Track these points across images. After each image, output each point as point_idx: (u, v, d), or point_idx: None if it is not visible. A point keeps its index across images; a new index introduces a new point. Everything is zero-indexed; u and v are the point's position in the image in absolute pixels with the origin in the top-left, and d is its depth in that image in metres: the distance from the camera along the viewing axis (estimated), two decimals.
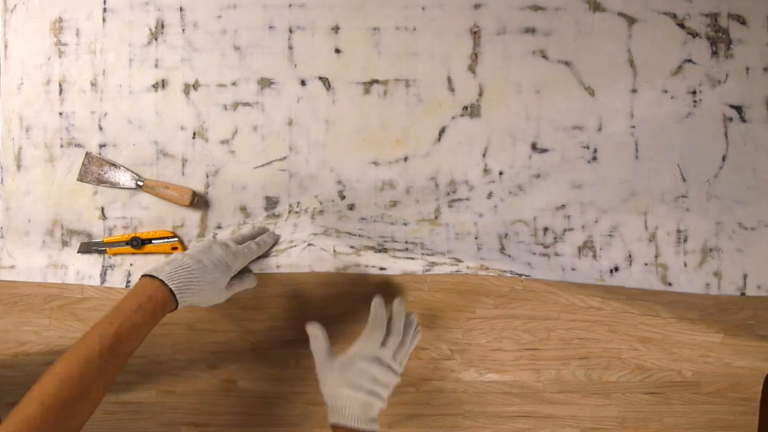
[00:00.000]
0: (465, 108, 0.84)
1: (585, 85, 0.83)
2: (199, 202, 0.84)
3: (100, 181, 0.84)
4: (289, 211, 0.85)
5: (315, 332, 0.75)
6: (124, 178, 0.84)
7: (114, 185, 0.84)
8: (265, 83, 0.84)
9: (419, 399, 0.86)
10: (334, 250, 0.80)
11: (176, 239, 0.84)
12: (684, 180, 0.82)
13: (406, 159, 0.84)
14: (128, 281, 0.84)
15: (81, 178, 0.84)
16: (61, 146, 0.85)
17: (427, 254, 0.82)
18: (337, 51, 0.84)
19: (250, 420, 0.87)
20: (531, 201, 0.83)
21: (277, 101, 0.84)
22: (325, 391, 0.72)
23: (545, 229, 0.83)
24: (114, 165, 0.84)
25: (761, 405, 0.86)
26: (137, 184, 0.84)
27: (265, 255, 0.80)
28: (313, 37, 0.84)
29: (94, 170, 0.84)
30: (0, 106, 0.87)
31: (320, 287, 0.82)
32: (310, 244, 0.80)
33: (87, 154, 0.84)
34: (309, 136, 0.84)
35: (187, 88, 0.84)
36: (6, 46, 0.86)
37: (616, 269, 0.82)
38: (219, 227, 0.85)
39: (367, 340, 0.72)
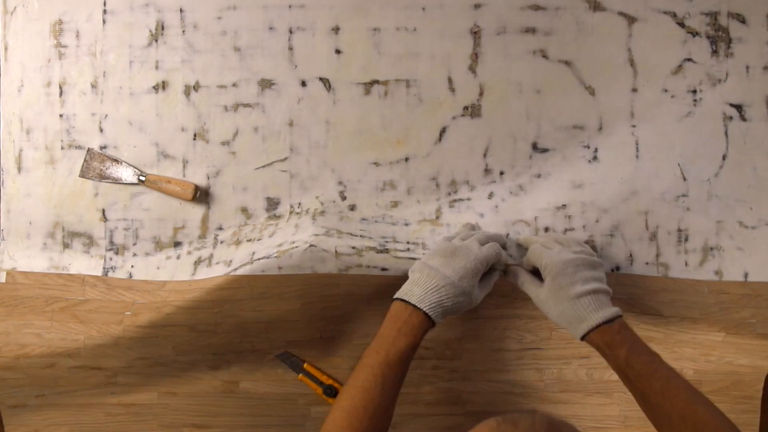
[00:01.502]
0: (466, 108, 0.84)
1: (585, 84, 0.83)
2: (201, 196, 0.84)
3: (102, 177, 0.84)
4: (290, 212, 0.85)
5: (514, 270, 0.75)
6: (126, 174, 0.84)
7: (116, 181, 0.84)
8: (266, 84, 0.84)
9: (421, 399, 0.87)
10: (336, 251, 0.80)
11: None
12: (684, 179, 0.82)
13: (407, 159, 0.84)
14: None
15: (83, 175, 0.84)
16: (62, 148, 0.85)
17: None
18: (338, 51, 0.84)
19: (252, 421, 0.87)
20: (532, 201, 0.83)
21: (277, 102, 0.84)
22: (554, 316, 0.70)
23: (546, 229, 0.83)
24: (116, 161, 0.84)
25: (763, 403, 0.86)
26: (139, 179, 0.84)
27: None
28: (314, 38, 0.84)
29: (96, 166, 0.84)
30: (1, 108, 0.87)
31: (322, 288, 0.82)
32: (311, 245, 0.80)
33: (89, 150, 0.84)
34: (310, 137, 0.84)
35: (188, 90, 0.84)
36: (6, 49, 0.86)
37: (618, 269, 0.82)
38: (220, 228, 0.85)
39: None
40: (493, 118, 0.83)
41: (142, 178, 0.84)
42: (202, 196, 0.84)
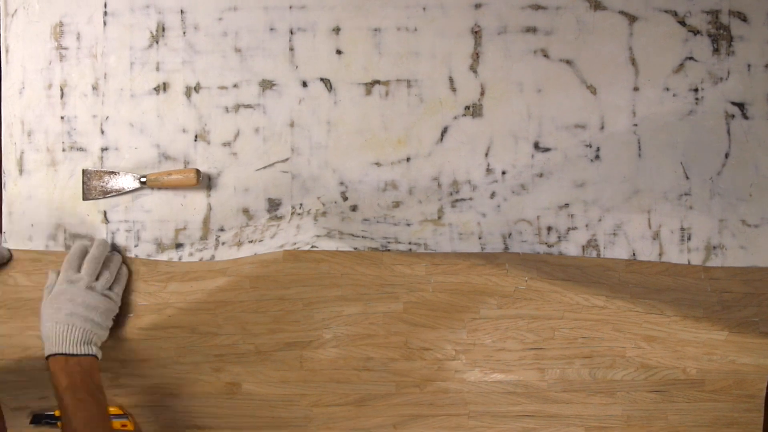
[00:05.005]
0: (467, 108, 0.84)
1: (587, 83, 0.83)
2: (204, 180, 0.84)
3: (106, 193, 0.84)
4: (292, 213, 0.85)
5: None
6: (127, 181, 0.84)
7: (120, 192, 0.84)
8: (267, 85, 0.84)
9: (423, 399, 0.86)
10: (338, 252, 0.80)
11: (127, 417, 0.86)
12: (687, 178, 0.82)
13: (408, 159, 0.84)
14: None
15: (86, 197, 0.84)
16: (63, 150, 0.85)
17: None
18: (339, 52, 0.84)
19: (253, 423, 0.87)
20: (534, 200, 0.83)
21: (278, 103, 0.84)
22: (41, 330, 0.77)
23: (549, 228, 0.83)
24: (113, 173, 0.84)
25: (766, 402, 0.85)
26: (141, 182, 0.84)
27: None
28: (314, 39, 0.84)
29: (95, 185, 0.84)
30: (2, 111, 0.87)
31: (323, 289, 0.82)
32: (313, 246, 0.80)
33: (84, 171, 0.84)
34: (311, 138, 0.84)
35: (189, 91, 0.84)
36: (7, 51, 0.86)
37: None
38: (221, 230, 0.85)
39: (64, 270, 0.79)
40: (494, 117, 0.83)
41: (143, 180, 0.84)
42: (205, 180, 0.84)
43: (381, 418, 0.87)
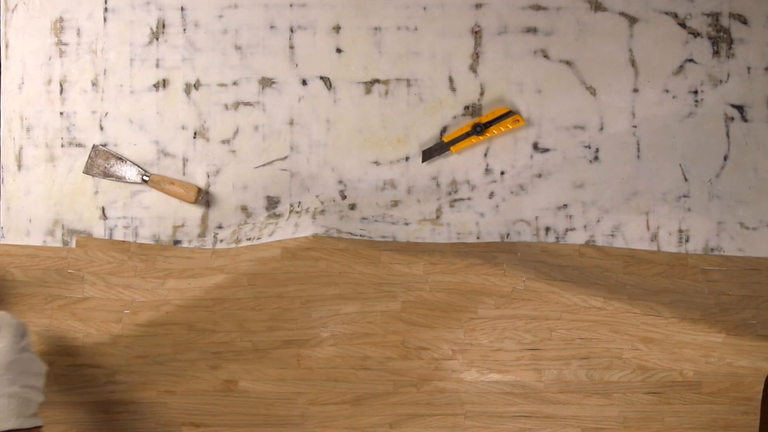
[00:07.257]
0: (466, 107, 0.84)
1: (586, 84, 0.83)
2: (201, 200, 0.84)
3: (106, 175, 0.84)
4: (291, 211, 0.85)
5: None
6: (130, 173, 0.84)
7: (120, 179, 0.84)
8: (267, 83, 0.84)
9: (420, 399, 0.86)
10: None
11: (515, 113, 0.80)
12: (686, 180, 0.82)
13: (407, 159, 0.84)
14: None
15: (87, 171, 0.84)
16: (62, 146, 0.85)
17: None
18: (339, 50, 0.84)
19: (250, 420, 0.87)
20: (533, 200, 0.83)
21: (278, 101, 0.84)
22: None
23: (547, 229, 0.83)
24: (120, 159, 0.84)
25: (762, 405, 0.85)
26: (143, 179, 0.84)
27: None
28: (315, 37, 0.84)
29: (100, 163, 0.84)
30: (1, 106, 0.87)
31: (321, 287, 0.82)
32: None
33: (94, 146, 0.84)
34: (310, 136, 0.84)
35: (188, 88, 0.84)
36: (7, 46, 0.86)
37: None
38: (220, 227, 0.85)
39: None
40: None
41: (146, 178, 0.84)
42: (203, 199, 0.84)
43: (378, 417, 0.87)
